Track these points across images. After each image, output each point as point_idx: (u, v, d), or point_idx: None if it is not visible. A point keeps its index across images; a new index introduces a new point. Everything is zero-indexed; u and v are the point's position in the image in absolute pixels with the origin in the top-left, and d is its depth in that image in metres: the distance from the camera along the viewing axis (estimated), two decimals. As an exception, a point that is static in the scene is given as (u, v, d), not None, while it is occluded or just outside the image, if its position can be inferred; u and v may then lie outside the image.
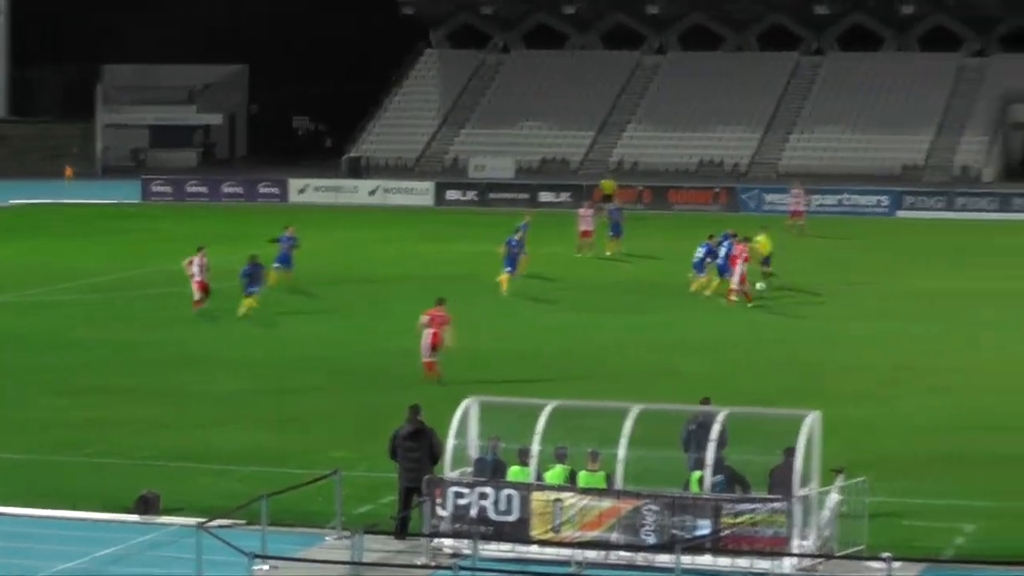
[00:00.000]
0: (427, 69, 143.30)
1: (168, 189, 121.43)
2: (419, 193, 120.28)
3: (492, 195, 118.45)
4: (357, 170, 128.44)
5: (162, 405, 52.24)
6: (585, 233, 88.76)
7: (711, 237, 76.25)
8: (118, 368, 58.48)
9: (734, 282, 72.46)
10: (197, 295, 69.17)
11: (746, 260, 72.88)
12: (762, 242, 77.88)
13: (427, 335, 54.45)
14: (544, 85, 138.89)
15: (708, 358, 59.59)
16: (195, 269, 70.40)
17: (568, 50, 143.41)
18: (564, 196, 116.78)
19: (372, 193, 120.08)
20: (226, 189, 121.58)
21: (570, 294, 75.65)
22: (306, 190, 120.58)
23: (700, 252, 74.56)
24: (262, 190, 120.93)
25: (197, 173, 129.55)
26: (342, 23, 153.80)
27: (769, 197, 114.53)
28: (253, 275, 68.10)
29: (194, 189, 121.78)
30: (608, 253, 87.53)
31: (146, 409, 51.57)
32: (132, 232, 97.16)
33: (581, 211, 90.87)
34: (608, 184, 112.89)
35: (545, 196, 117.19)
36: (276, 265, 75.58)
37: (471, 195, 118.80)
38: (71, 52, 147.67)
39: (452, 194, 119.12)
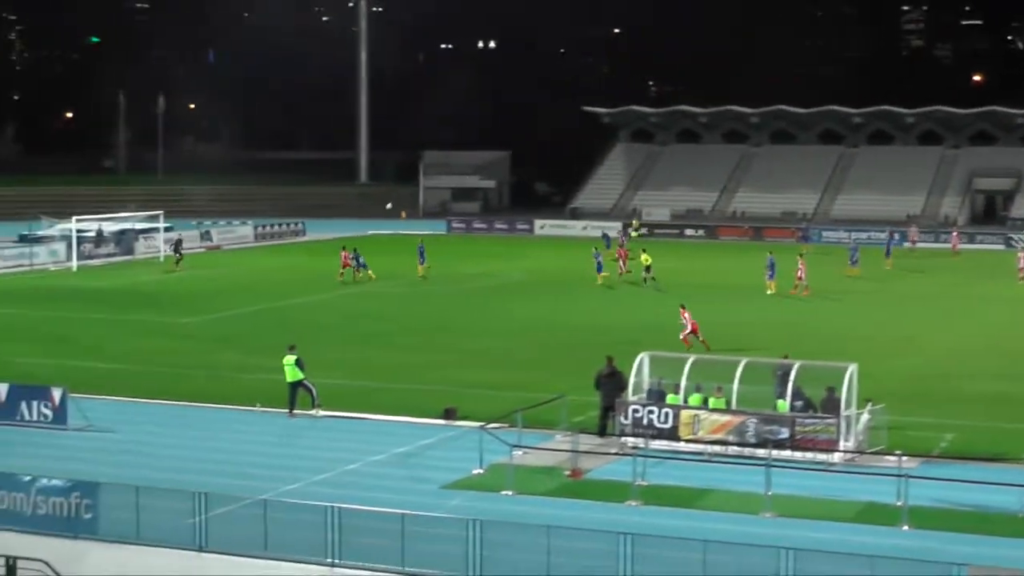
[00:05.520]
0: (617, 154, 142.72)
1: (462, 226, 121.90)
2: (611, 229, 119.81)
3: (657, 230, 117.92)
4: (575, 215, 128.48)
5: (454, 354, 52.22)
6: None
7: (771, 252, 75.49)
8: (423, 333, 58.09)
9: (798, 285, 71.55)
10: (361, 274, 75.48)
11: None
12: (645, 258, 76.13)
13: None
14: (688, 164, 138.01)
15: (781, 331, 58.36)
16: (351, 260, 76.28)
17: (702, 144, 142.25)
18: (700, 232, 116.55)
19: (584, 228, 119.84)
20: (497, 226, 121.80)
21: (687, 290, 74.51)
22: (545, 227, 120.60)
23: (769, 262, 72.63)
24: (518, 226, 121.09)
25: (480, 216, 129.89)
26: (567, 127, 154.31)
27: (825, 233, 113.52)
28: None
29: (478, 226, 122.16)
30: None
31: (443, 357, 51.61)
32: (441, 251, 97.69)
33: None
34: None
35: (688, 232, 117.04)
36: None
37: (644, 230, 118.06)
38: (403, 142, 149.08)
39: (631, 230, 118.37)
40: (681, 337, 52.13)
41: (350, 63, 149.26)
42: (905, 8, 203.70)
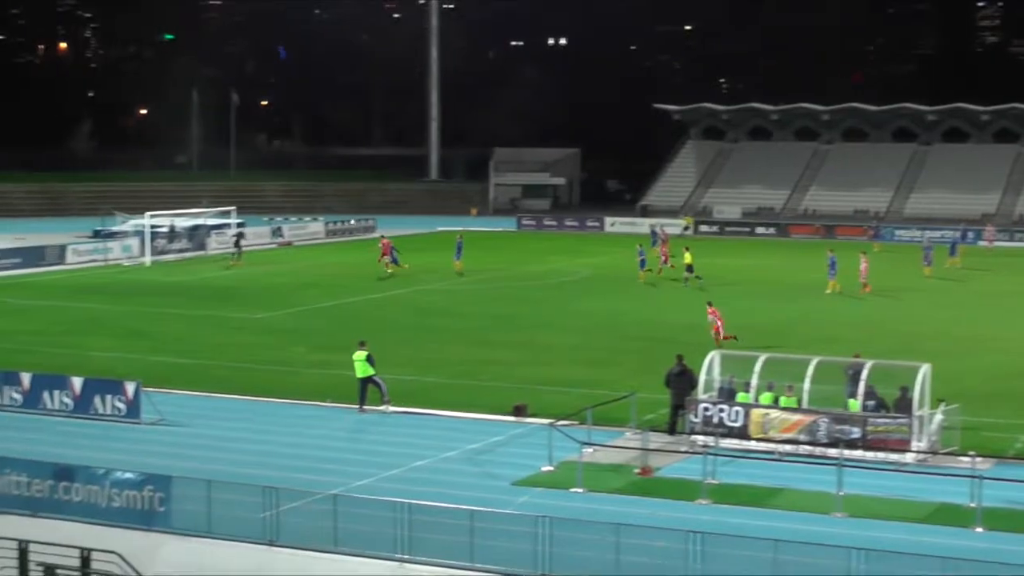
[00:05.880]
0: (688, 152, 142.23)
1: (532, 223, 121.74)
2: (680, 227, 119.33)
3: (727, 228, 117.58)
4: (645, 212, 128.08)
5: (523, 352, 52.24)
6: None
7: (832, 250, 74.33)
8: (492, 330, 58.13)
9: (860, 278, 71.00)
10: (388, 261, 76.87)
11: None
12: (688, 256, 75.11)
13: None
14: (759, 161, 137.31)
15: (854, 330, 57.95)
16: (386, 249, 77.33)
17: (773, 142, 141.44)
18: (772, 230, 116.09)
19: (652, 226, 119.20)
20: (567, 223, 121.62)
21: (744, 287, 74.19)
22: (615, 224, 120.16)
23: (831, 261, 71.72)
24: (589, 223, 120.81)
25: (550, 213, 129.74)
26: (637, 124, 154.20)
27: (898, 232, 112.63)
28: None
29: (548, 223, 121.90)
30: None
31: (513, 354, 51.65)
32: (511, 248, 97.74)
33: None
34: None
35: (759, 230, 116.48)
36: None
37: (715, 228, 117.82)
38: (474, 139, 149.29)
39: (703, 228, 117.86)
40: (728, 335, 51.76)
41: (421, 60, 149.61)
42: (980, 4, 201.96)
